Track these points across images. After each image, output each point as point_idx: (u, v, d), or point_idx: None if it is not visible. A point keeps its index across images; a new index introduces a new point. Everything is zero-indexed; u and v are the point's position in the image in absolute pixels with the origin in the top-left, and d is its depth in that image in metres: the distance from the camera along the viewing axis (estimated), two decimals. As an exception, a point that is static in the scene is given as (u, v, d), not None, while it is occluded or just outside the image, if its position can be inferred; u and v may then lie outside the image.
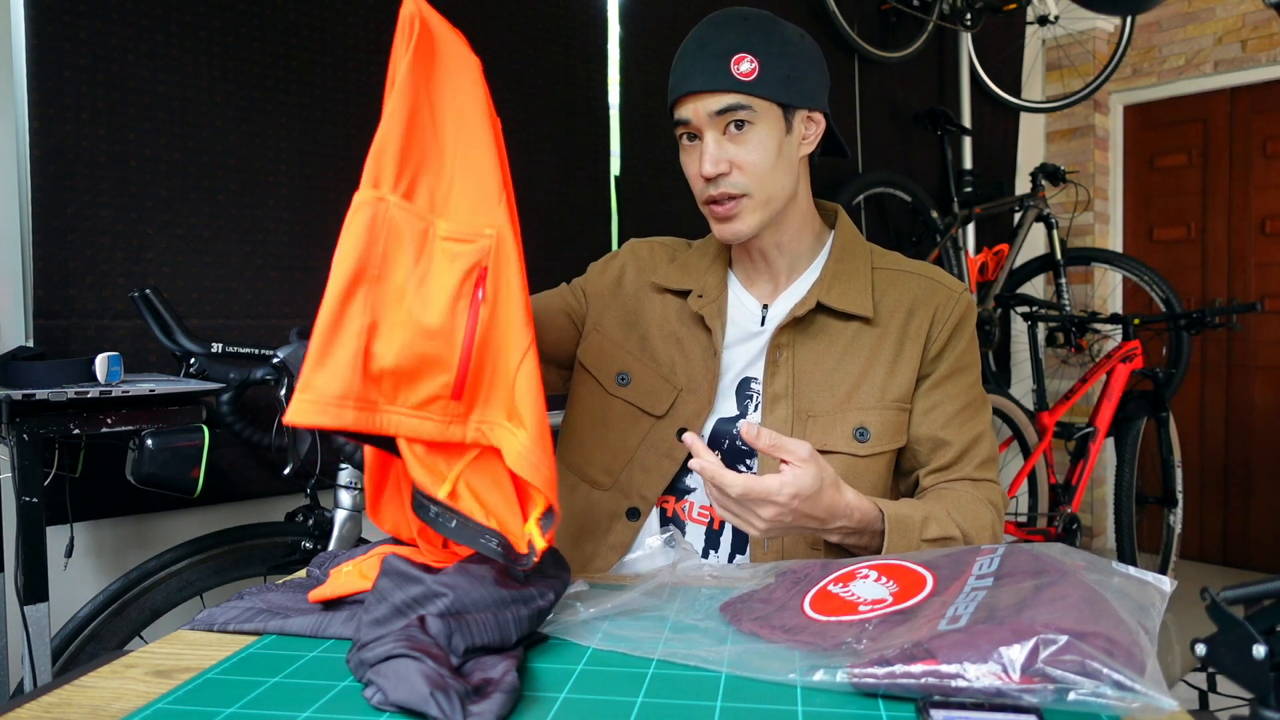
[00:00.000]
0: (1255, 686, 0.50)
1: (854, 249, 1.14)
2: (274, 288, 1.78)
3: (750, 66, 1.00)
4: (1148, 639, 0.59)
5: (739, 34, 1.01)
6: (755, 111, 1.01)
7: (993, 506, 1.07)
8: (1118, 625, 0.59)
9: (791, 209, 1.10)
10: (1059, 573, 0.66)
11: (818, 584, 0.78)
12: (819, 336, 1.09)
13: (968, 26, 3.16)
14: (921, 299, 1.10)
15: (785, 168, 1.05)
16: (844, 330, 1.09)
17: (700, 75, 1.01)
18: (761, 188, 1.04)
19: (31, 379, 1.24)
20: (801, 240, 1.13)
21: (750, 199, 1.04)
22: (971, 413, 1.10)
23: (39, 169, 1.50)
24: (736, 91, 1.00)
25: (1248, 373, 3.80)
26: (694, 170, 1.05)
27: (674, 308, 1.16)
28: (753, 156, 1.02)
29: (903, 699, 0.60)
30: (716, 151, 1.01)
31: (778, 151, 1.03)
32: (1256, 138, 3.74)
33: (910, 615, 0.68)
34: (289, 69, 1.79)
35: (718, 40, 1.01)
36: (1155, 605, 0.64)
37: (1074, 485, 2.97)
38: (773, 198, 1.05)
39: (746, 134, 1.02)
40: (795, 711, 0.59)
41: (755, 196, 1.04)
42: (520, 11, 2.09)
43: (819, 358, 1.08)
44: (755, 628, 0.73)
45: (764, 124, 1.02)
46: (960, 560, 0.75)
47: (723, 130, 1.02)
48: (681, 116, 1.04)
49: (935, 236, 2.94)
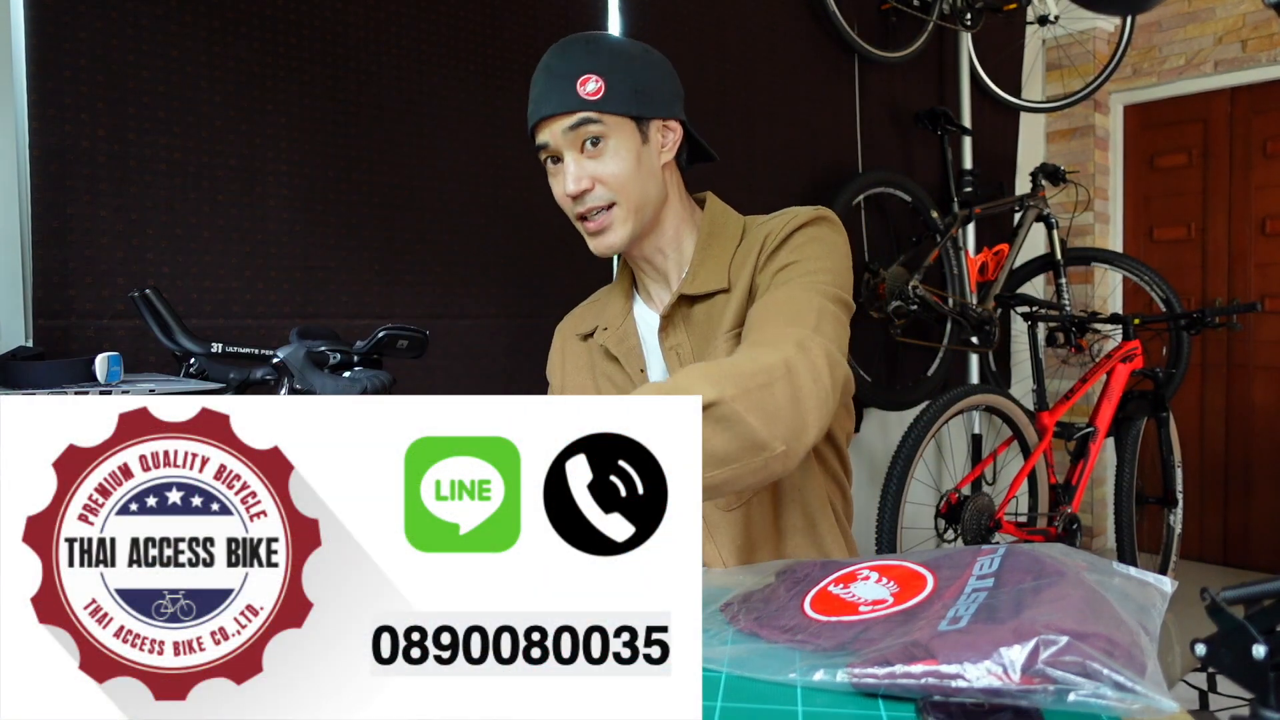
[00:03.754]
0: (1255, 686, 0.50)
1: (721, 229, 1.15)
2: (274, 288, 1.78)
3: (596, 86, 1.04)
4: (1148, 640, 0.59)
5: (582, 56, 1.06)
6: (607, 126, 1.05)
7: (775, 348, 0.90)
8: (1118, 626, 0.59)
9: (666, 214, 1.13)
10: (1058, 573, 0.66)
11: (818, 584, 0.78)
12: (696, 323, 1.12)
13: (968, 26, 3.16)
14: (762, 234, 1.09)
15: (648, 176, 1.09)
16: (713, 305, 1.11)
17: (550, 99, 1.05)
18: (627, 197, 1.07)
19: (31, 379, 1.24)
20: (682, 240, 1.16)
21: (619, 208, 1.08)
22: (781, 319, 0.97)
23: (39, 169, 1.50)
24: (585, 111, 1.04)
25: (1248, 373, 3.80)
26: (560, 192, 1.09)
27: (597, 350, 1.21)
28: (611, 168, 1.06)
29: (903, 699, 0.60)
30: (577, 170, 1.06)
31: (636, 162, 1.07)
32: (1256, 138, 3.74)
33: (911, 616, 0.68)
34: (289, 69, 1.79)
35: (562, 65, 1.06)
36: (1156, 606, 0.64)
37: (1074, 485, 2.97)
38: (641, 205, 1.09)
39: (602, 149, 1.06)
40: (795, 711, 0.59)
41: (623, 205, 1.08)
42: (520, 11, 2.09)
43: (702, 343, 1.11)
44: (755, 628, 0.73)
45: (618, 137, 1.06)
46: (960, 561, 0.75)
47: (580, 149, 1.06)
48: (541, 141, 1.08)
49: (935, 236, 2.94)
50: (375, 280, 1.90)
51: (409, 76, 1.94)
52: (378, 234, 1.90)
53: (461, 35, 2.01)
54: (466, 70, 2.01)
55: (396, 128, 1.92)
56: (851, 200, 2.77)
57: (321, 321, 1.82)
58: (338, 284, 1.85)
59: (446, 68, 1.99)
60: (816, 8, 2.78)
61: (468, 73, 2.01)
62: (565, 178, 1.07)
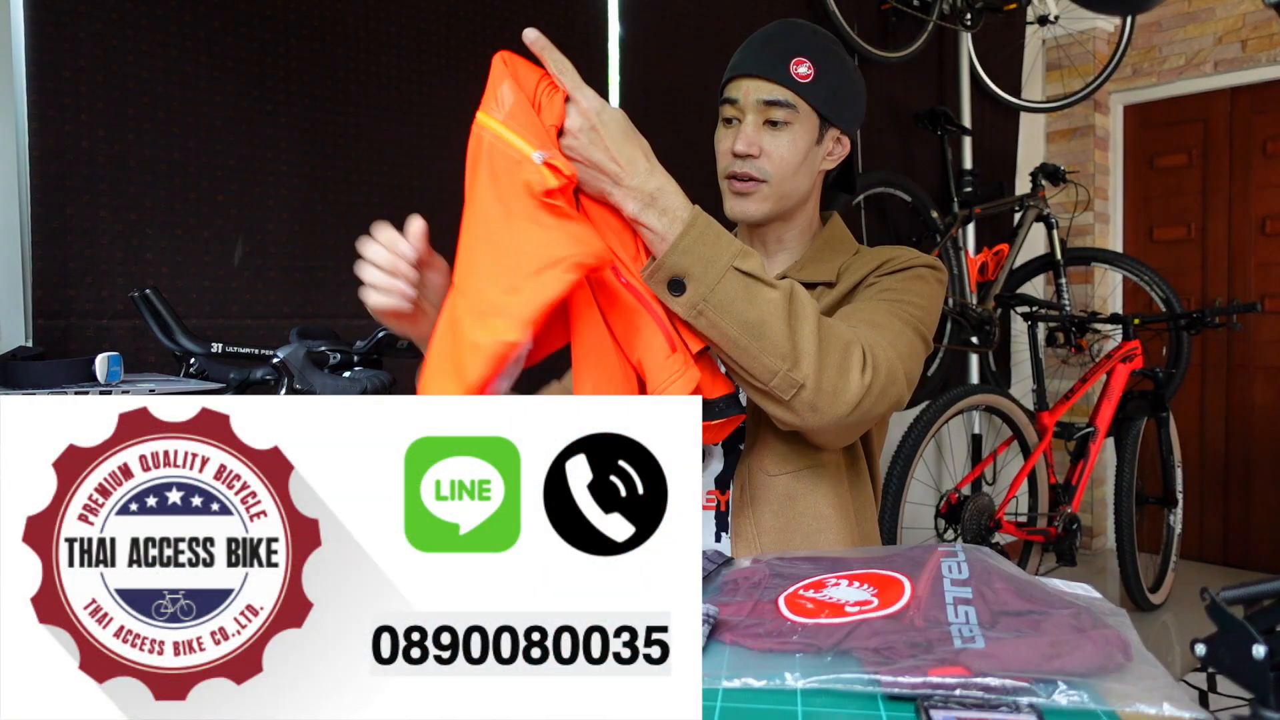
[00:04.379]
0: (1255, 686, 0.50)
1: (839, 240, 1.20)
2: (274, 288, 1.78)
3: (807, 71, 1.08)
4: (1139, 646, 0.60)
5: (806, 40, 1.10)
6: (797, 113, 1.09)
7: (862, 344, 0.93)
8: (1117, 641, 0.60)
9: (800, 211, 1.18)
10: (1043, 604, 0.68)
11: (783, 590, 0.77)
12: None
13: (968, 26, 3.16)
14: (881, 258, 1.14)
15: (806, 172, 1.13)
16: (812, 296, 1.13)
17: (761, 62, 1.10)
18: (781, 181, 1.11)
19: (31, 379, 1.24)
20: (800, 241, 1.20)
21: (769, 186, 1.11)
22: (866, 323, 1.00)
23: (39, 169, 1.50)
24: (787, 88, 1.08)
25: (1248, 373, 3.80)
26: (725, 146, 1.12)
27: None
28: (783, 150, 1.10)
29: (903, 699, 0.60)
30: (753, 134, 1.09)
31: (804, 155, 1.11)
32: (1256, 138, 3.74)
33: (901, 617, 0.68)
34: (289, 69, 1.79)
35: (785, 39, 1.10)
36: (1118, 614, 0.66)
37: (1074, 485, 2.97)
38: (788, 194, 1.13)
39: (783, 131, 1.10)
40: (795, 712, 0.59)
41: (773, 186, 1.11)
42: (520, 11, 2.09)
43: None
44: (738, 639, 0.71)
45: (800, 126, 1.10)
46: (916, 559, 0.76)
47: (764, 120, 1.10)
48: (731, 95, 1.12)
49: (935, 236, 2.94)
50: (375, 280, 1.90)
51: (409, 76, 1.94)
52: (378, 234, 1.90)
53: (461, 35, 2.01)
54: (467, 70, 2.01)
55: (396, 128, 1.92)
56: (852, 200, 2.77)
57: (321, 321, 1.82)
58: (338, 284, 1.85)
59: (446, 67, 1.99)
60: (816, 8, 2.78)
61: (468, 73, 2.01)
62: (739, 135, 1.09)
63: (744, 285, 0.85)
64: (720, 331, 0.85)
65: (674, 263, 0.84)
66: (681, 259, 0.84)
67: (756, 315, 0.84)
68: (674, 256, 0.84)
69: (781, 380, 0.86)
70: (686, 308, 0.85)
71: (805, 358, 0.86)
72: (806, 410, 0.88)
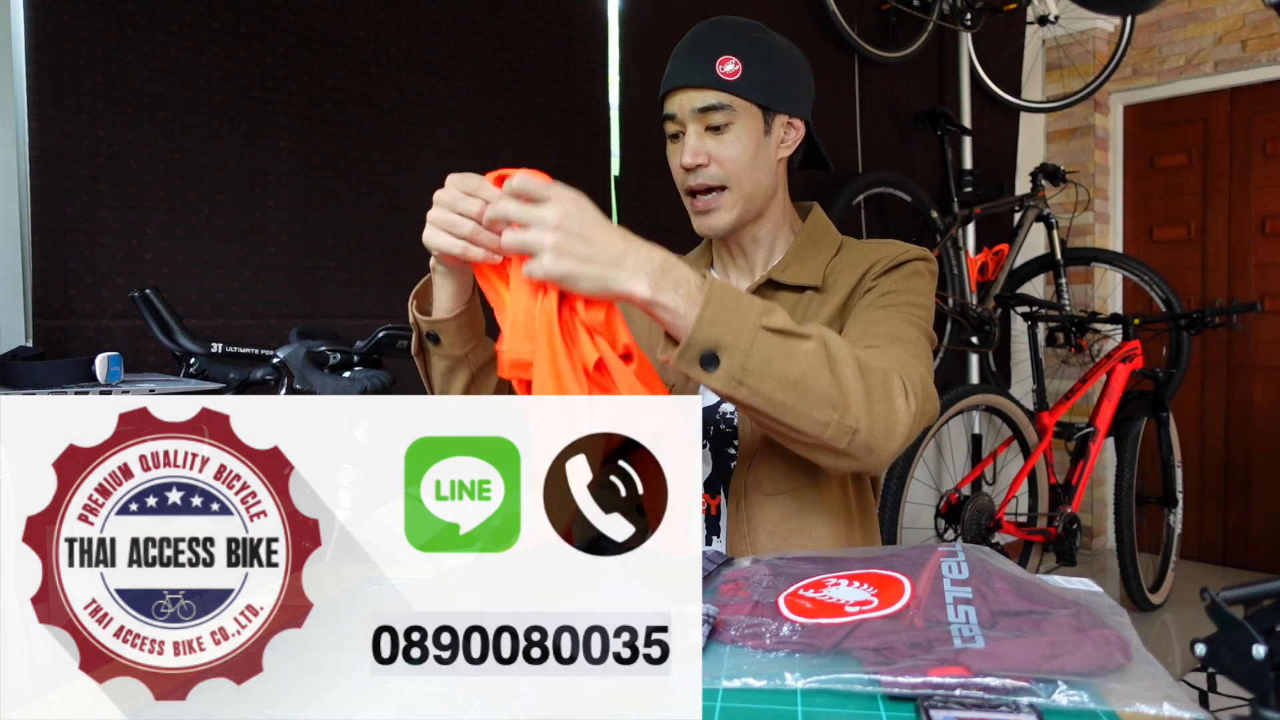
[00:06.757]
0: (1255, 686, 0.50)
1: (820, 235, 1.18)
2: (274, 288, 1.78)
3: (734, 68, 1.06)
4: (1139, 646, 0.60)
5: (727, 37, 1.08)
6: (735, 111, 1.07)
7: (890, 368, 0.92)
8: (1117, 641, 0.60)
9: (770, 207, 1.15)
10: (1043, 604, 0.67)
11: (783, 590, 0.77)
12: None
13: (968, 26, 3.16)
14: (870, 257, 1.12)
15: (763, 167, 1.11)
16: (797, 301, 1.12)
17: (687, 72, 1.08)
18: (739, 183, 1.09)
19: (31, 379, 1.24)
20: (778, 236, 1.18)
21: (729, 193, 1.09)
22: (885, 339, 0.99)
23: (39, 169, 1.50)
24: (718, 90, 1.06)
25: (1248, 373, 3.80)
26: (676, 163, 1.11)
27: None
28: (730, 152, 1.08)
29: (903, 699, 0.60)
30: (696, 144, 1.08)
31: (755, 150, 1.09)
32: (1256, 138, 3.74)
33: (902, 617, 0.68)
34: (289, 69, 1.79)
35: (706, 41, 1.08)
36: (1119, 613, 0.66)
37: (1074, 485, 2.97)
38: (751, 194, 1.11)
39: (725, 132, 1.08)
40: (795, 711, 0.59)
41: (733, 191, 1.09)
42: (521, 11, 2.09)
43: None
44: (738, 639, 0.71)
45: (743, 123, 1.08)
46: (915, 559, 0.76)
47: (704, 127, 1.08)
48: (669, 111, 1.10)
49: (935, 236, 2.94)
50: (375, 280, 1.90)
51: (409, 77, 1.94)
52: (378, 234, 1.90)
53: (461, 35, 2.01)
54: (466, 70, 2.01)
55: (396, 128, 1.92)
56: (851, 200, 2.76)
57: (321, 321, 1.82)
58: (338, 284, 1.85)
59: (446, 68, 1.99)
60: (816, 8, 2.78)
61: (468, 73, 2.01)
62: (684, 149, 1.09)
63: (778, 343, 0.81)
64: (764, 397, 0.81)
65: (703, 337, 0.79)
66: (709, 331, 0.79)
67: (798, 371, 0.81)
68: (702, 331, 0.79)
69: (835, 429, 0.83)
70: (725, 380, 0.80)
71: (854, 400, 0.84)
72: (863, 452, 0.86)
